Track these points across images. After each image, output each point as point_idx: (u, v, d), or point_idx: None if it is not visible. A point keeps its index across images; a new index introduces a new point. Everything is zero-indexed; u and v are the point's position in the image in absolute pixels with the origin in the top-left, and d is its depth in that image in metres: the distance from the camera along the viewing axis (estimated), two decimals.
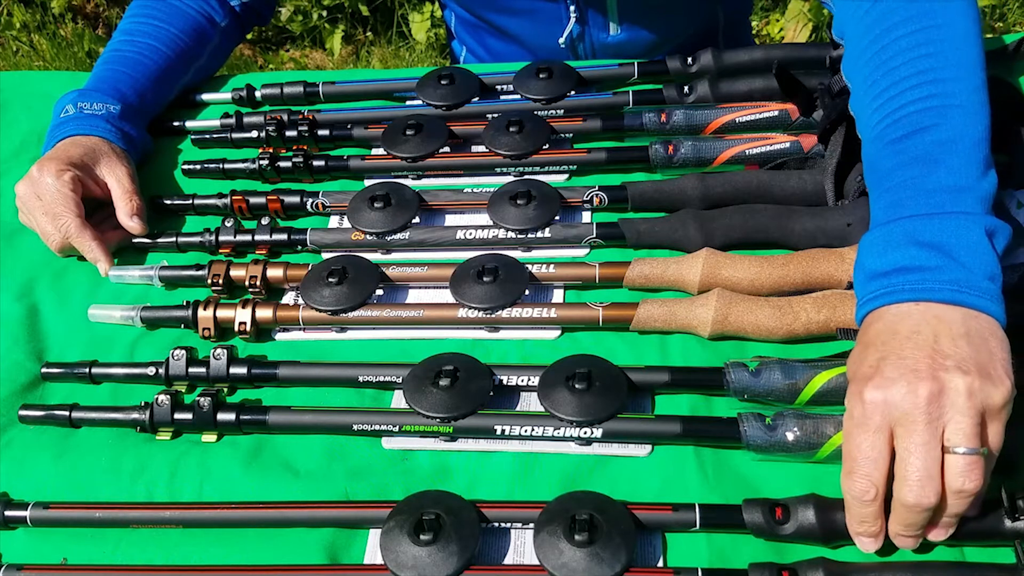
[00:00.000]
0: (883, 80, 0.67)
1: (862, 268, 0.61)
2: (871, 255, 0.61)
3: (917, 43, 0.66)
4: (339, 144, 0.95)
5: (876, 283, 0.59)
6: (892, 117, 0.65)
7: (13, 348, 0.79)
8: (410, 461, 0.68)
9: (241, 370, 0.73)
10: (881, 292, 0.58)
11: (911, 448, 0.52)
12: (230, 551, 0.63)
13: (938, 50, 0.66)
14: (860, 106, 0.70)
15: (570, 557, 0.57)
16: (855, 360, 0.58)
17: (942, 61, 0.65)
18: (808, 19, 2.16)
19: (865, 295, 0.60)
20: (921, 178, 0.61)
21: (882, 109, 0.66)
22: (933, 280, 0.56)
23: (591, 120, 0.91)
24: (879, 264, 0.59)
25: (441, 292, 0.79)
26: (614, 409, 0.65)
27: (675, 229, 0.78)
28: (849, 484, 0.55)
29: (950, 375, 0.52)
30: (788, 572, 0.56)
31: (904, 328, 0.55)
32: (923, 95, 0.64)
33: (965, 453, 0.51)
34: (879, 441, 0.53)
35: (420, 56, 2.36)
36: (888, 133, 0.65)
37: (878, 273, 0.59)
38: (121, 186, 0.86)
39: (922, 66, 0.65)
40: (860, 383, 0.55)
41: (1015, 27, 2.25)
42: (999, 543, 0.58)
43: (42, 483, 0.69)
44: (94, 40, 2.45)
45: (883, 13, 0.69)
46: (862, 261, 0.62)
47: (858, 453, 0.54)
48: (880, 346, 0.56)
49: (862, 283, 0.61)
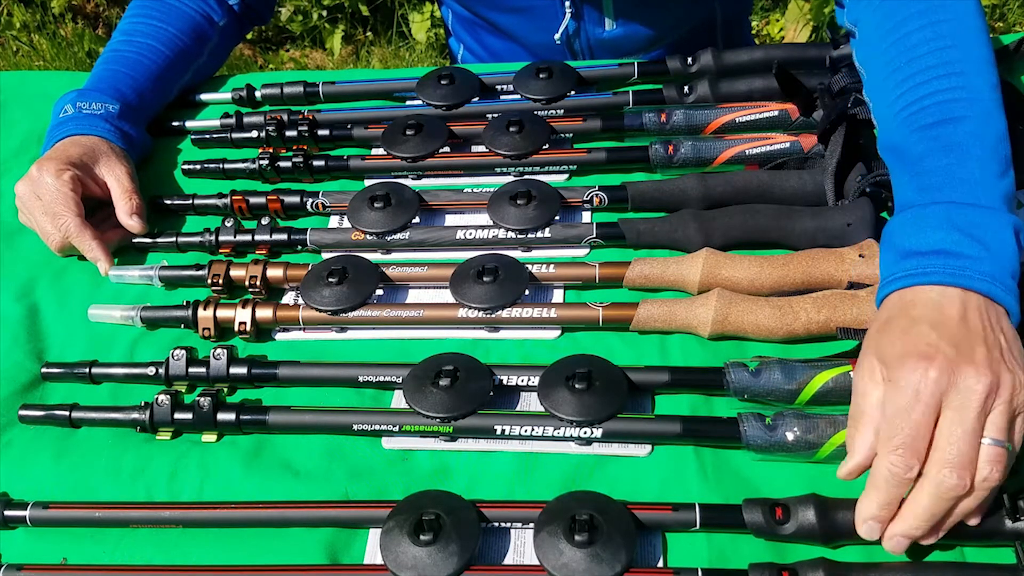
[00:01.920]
0: (907, 67, 0.68)
1: (893, 247, 0.61)
2: (906, 234, 0.61)
3: (938, 35, 0.68)
4: (339, 144, 0.95)
5: (913, 261, 0.59)
6: (920, 104, 0.66)
7: (13, 348, 0.79)
8: (410, 461, 0.68)
9: (241, 370, 0.73)
10: (919, 271, 0.58)
11: (959, 434, 0.52)
12: (230, 551, 0.63)
13: (957, 43, 0.67)
14: (880, 90, 0.71)
15: (570, 557, 0.57)
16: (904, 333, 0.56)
17: (963, 54, 0.67)
18: (808, 19, 2.16)
19: (898, 272, 0.60)
20: (954, 167, 0.62)
21: (908, 95, 0.67)
22: (973, 269, 0.57)
23: (591, 120, 0.91)
24: (916, 243, 0.60)
25: (441, 292, 0.79)
26: (614, 409, 0.65)
27: (675, 229, 0.78)
28: (893, 460, 0.53)
29: (1002, 369, 0.53)
30: (788, 572, 0.56)
31: (954, 312, 0.56)
32: (950, 85, 0.65)
33: (992, 444, 0.52)
34: (930, 419, 0.53)
35: (420, 56, 2.36)
36: (916, 119, 0.66)
37: (914, 252, 0.59)
38: (121, 185, 0.86)
39: (946, 57, 0.67)
40: (921, 359, 0.53)
41: (1015, 27, 2.25)
42: (999, 543, 0.58)
43: (42, 483, 0.69)
44: (94, 40, 2.45)
45: (900, 2, 0.70)
46: (893, 240, 0.62)
47: (909, 427, 0.52)
48: (935, 326, 0.55)
49: (894, 261, 0.61)
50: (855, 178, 0.77)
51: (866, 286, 0.70)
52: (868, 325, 0.67)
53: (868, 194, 0.76)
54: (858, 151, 0.79)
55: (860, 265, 0.71)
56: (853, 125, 0.78)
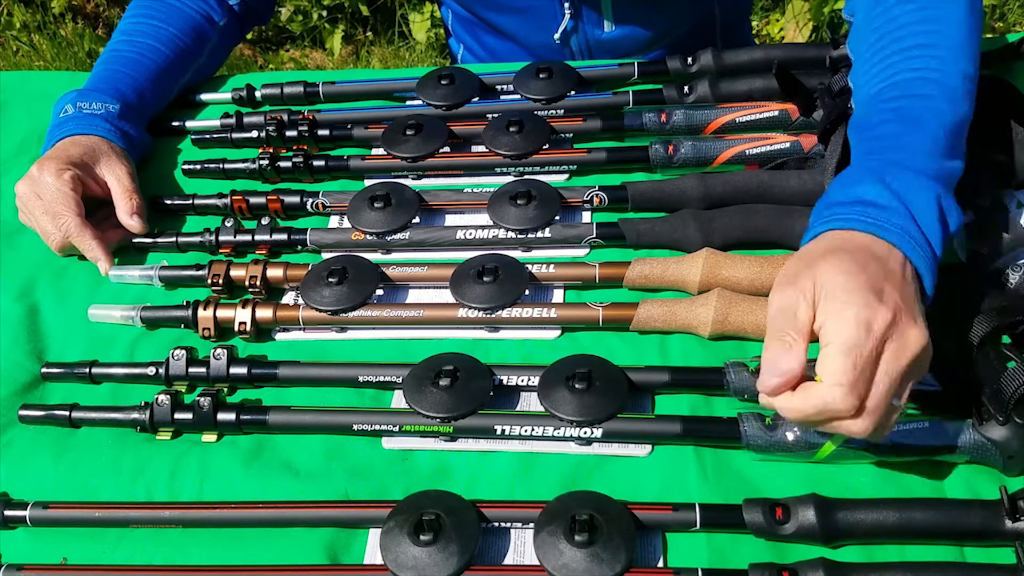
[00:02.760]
0: (888, 47, 0.70)
1: (824, 201, 0.63)
2: (838, 188, 0.63)
3: (923, 19, 0.70)
4: (339, 144, 0.95)
5: (834, 209, 0.61)
6: (892, 80, 0.69)
7: (13, 348, 0.79)
8: (410, 461, 0.68)
9: (241, 370, 0.73)
10: (836, 217, 0.60)
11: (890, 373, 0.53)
12: (230, 551, 0.63)
13: (941, 29, 0.69)
14: (861, 74, 0.73)
15: (570, 557, 0.57)
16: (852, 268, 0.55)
17: (944, 40, 0.69)
18: (808, 19, 2.16)
19: (824, 218, 0.61)
20: (905, 135, 0.64)
21: (883, 72, 0.69)
22: (888, 221, 0.59)
23: (591, 120, 0.91)
24: (844, 195, 0.62)
25: (441, 292, 0.79)
26: (614, 409, 0.65)
27: (675, 229, 0.78)
28: (836, 393, 0.52)
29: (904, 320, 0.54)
30: (788, 572, 0.56)
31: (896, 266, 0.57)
32: (925, 66, 0.68)
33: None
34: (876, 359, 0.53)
35: (420, 56, 2.36)
36: (885, 93, 0.68)
37: (840, 202, 0.61)
38: (121, 185, 0.86)
39: (928, 40, 0.69)
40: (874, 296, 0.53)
41: (1015, 27, 2.25)
42: (999, 543, 0.58)
43: (42, 483, 0.69)
44: (94, 40, 2.45)
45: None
46: (827, 195, 0.64)
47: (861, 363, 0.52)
48: (889, 277, 0.55)
49: (819, 212, 0.63)
50: None
51: None
52: None
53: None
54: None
55: None
56: None
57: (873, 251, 0.57)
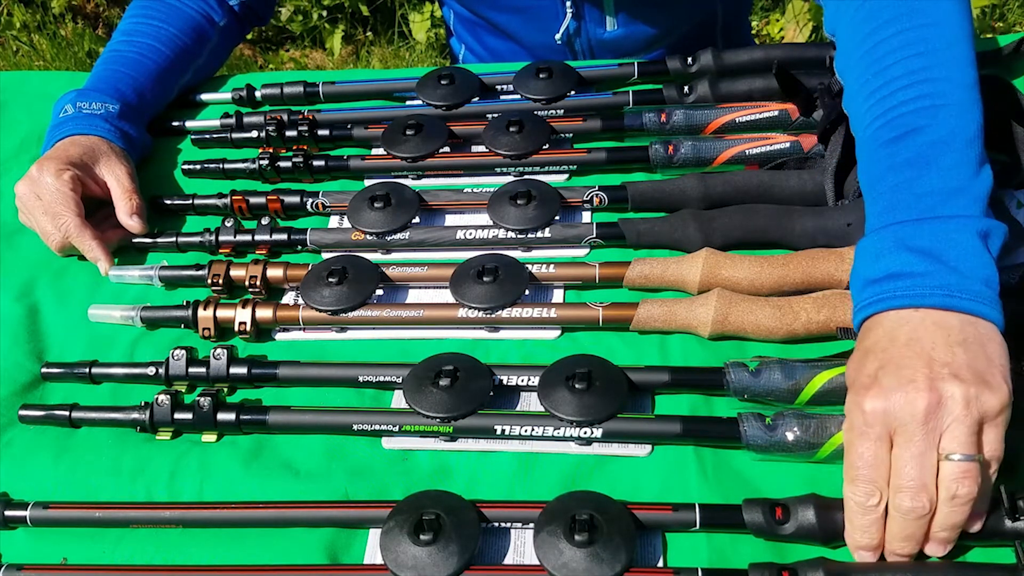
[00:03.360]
0: (875, 80, 0.67)
1: (857, 275, 0.62)
2: (864, 262, 0.61)
3: (908, 41, 0.66)
4: (339, 144, 0.95)
5: (869, 290, 0.59)
6: (884, 118, 0.65)
7: (13, 348, 0.79)
8: (410, 461, 0.68)
9: (241, 370, 0.73)
10: (875, 299, 0.58)
11: (907, 458, 0.52)
12: (230, 551, 0.63)
13: (929, 48, 0.65)
14: (853, 105, 0.70)
15: (570, 557, 0.57)
16: (854, 367, 0.58)
17: (934, 60, 0.65)
18: (808, 19, 2.16)
19: (860, 302, 0.60)
20: (912, 181, 0.61)
21: (874, 110, 0.66)
22: (923, 286, 0.56)
23: (591, 120, 0.91)
24: (871, 271, 0.60)
25: (441, 292, 0.79)
26: (614, 409, 0.65)
27: (675, 229, 0.78)
28: (852, 491, 0.55)
29: (947, 384, 0.52)
30: (788, 572, 0.55)
31: (902, 335, 0.55)
32: (915, 95, 0.64)
33: (960, 460, 0.52)
34: (881, 449, 0.54)
35: (420, 56, 2.36)
36: (881, 135, 0.65)
37: (871, 280, 0.59)
38: (121, 185, 0.86)
39: (913, 65, 0.65)
40: (859, 392, 0.55)
41: (1015, 27, 2.25)
42: (999, 543, 0.58)
43: (42, 483, 0.69)
44: (94, 40, 2.45)
45: (873, 10, 0.69)
46: (857, 268, 0.62)
47: (860, 461, 0.54)
48: (879, 353, 0.56)
49: (857, 290, 0.61)
50: (855, 178, 0.77)
51: None
52: None
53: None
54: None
55: None
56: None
57: (913, 328, 0.55)
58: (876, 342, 0.56)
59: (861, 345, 0.58)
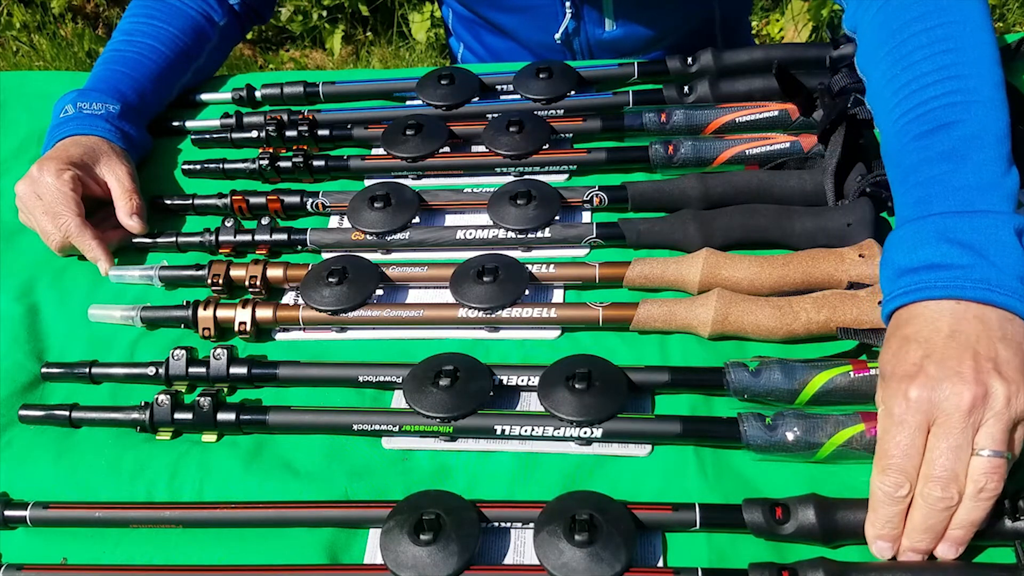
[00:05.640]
0: (903, 75, 0.67)
1: (890, 264, 0.61)
2: (901, 251, 0.60)
3: (936, 39, 0.67)
4: (339, 144, 0.95)
5: (906, 279, 0.59)
6: (915, 112, 0.65)
7: (13, 348, 0.79)
8: (410, 461, 0.68)
9: (241, 370, 0.73)
10: (912, 288, 0.58)
11: (943, 449, 0.52)
12: (230, 551, 0.63)
13: (957, 46, 0.66)
14: (879, 100, 0.71)
15: (570, 557, 0.57)
16: (891, 355, 0.57)
17: (962, 57, 0.66)
18: (808, 19, 2.16)
19: (895, 291, 0.59)
20: (949, 174, 0.61)
21: (903, 104, 0.67)
22: (965, 278, 0.56)
23: (591, 120, 0.91)
24: (909, 260, 0.59)
25: (441, 292, 0.79)
26: (614, 409, 0.65)
27: (675, 229, 0.78)
28: (882, 480, 0.54)
29: (992, 379, 0.52)
30: (788, 572, 0.55)
31: (944, 326, 0.55)
32: (945, 90, 0.65)
33: (990, 456, 0.52)
34: (918, 439, 0.53)
35: (420, 56, 2.36)
36: (911, 128, 0.65)
37: (908, 269, 0.59)
38: (121, 185, 0.86)
39: (942, 61, 0.66)
40: (903, 380, 0.54)
41: (1015, 27, 2.25)
42: (999, 543, 0.58)
43: (42, 483, 0.69)
44: (94, 40, 2.45)
45: (898, 8, 0.70)
46: (890, 257, 0.61)
47: (896, 449, 0.54)
48: (923, 343, 0.55)
49: (890, 279, 0.60)
50: (855, 178, 0.77)
51: (866, 286, 0.70)
52: (868, 325, 0.67)
53: (868, 194, 0.76)
54: (858, 151, 0.79)
55: (860, 265, 0.71)
56: (853, 125, 0.78)
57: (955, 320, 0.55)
58: (917, 331, 0.56)
59: (899, 333, 0.57)
